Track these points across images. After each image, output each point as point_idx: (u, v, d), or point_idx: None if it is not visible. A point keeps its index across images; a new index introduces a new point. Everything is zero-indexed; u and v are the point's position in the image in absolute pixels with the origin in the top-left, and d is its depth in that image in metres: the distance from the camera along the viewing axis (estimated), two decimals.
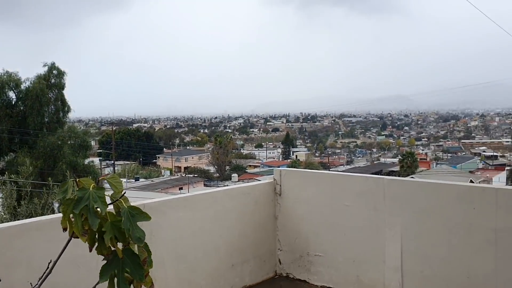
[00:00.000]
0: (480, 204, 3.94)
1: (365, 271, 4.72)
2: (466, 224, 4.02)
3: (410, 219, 4.38)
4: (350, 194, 4.82)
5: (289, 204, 5.33)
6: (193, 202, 4.72)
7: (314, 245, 5.12)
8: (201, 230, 4.65)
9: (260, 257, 5.27)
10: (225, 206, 4.92)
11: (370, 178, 4.83)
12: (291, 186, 5.35)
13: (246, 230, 5.12)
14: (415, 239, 4.35)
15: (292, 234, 5.32)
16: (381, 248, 4.57)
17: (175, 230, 4.40)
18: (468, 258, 4.01)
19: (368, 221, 4.66)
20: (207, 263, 4.67)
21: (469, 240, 4.00)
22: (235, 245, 4.97)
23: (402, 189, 4.50)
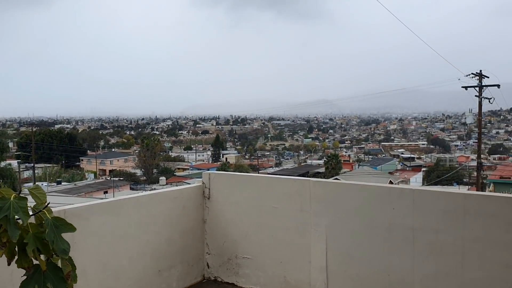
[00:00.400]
0: (399, 204, 4.15)
1: (292, 271, 4.80)
2: (386, 223, 4.22)
3: (334, 219, 4.52)
4: (278, 196, 4.89)
5: (218, 208, 5.30)
6: (117, 207, 4.54)
7: (242, 247, 5.13)
8: (126, 236, 4.48)
9: (187, 261, 5.19)
10: (152, 211, 4.79)
11: (297, 180, 4.93)
12: (220, 189, 5.32)
13: (173, 235, 5.01)
14: (340, 239, 4.50)
15: (220, 237, 5.29)
16: (307, 249, 4.67)
17: (99, 236, 4.20)
18: (388, 257, 4.21)
19: (295, 222, 4.75)
20: (132, 270, 4.51)
21: (389, 239, 4.21)
22: (162, 251, 4.85)
23: (327, 190, 4.64)
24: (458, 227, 3.88)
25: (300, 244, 4.72)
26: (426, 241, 4.02)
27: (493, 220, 3.74)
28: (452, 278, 3.91)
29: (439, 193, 4.08)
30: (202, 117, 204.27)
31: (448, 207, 3.93)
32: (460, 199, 3.93)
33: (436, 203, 4.00)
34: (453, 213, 3.90)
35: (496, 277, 3.73)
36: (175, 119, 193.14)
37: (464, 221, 3.85)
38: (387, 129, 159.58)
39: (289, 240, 4.80)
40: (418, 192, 4.16)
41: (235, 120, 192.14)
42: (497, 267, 3.72)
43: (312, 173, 55.40)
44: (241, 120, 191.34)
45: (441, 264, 3.96)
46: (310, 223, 4.64)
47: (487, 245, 3.76)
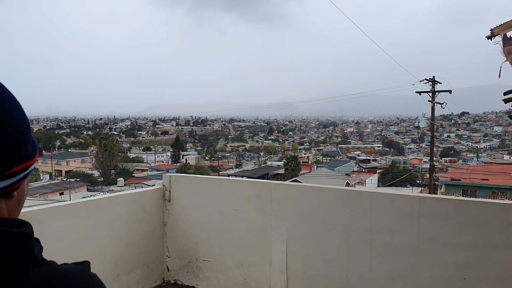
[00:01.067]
0: (357, 206, 4.27)
1: (252, 274, 4.83)
2: (345, 225, 4.33)
3: (295, 221, 4.59)
4: (240, 199, 4.91)
5: (179, 210, 5.26)
6: (75, 210, 4.43)
7: (203, 250, 5.12)
8: (84, 240, 4.38)
9: (147, 265, 5.13)
10: (111, 214, 4.70)
11: (259, 183, 4.97)
12: (181, 191, 5.29)
13: (133, 238, 4.94)
14: (299, 241, 4.57)
15: (181, 240, 5.26)
16: (267, 251, 4.72)
17: (55, 241, 4.08)
18: (347, 258, 4.32)
19: (256, 225, 4.79)
20: None
21: (347, 241, 4.31)
22: (121, 254, 4.77)
23: (288, 193, 4.70)
24: (413, 228, 4.03)
25: (260, 247, 4.76)
26: (382, 242, 4.15)
27: (446, 221, 3.91)
28: (407, 278, 4.06)
29: (396, 196, 4.23)
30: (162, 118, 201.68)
31: (404, 209, 4.08)
32: (415, 202, 4.08)
33: (392, 206, 4.14)
34: (409, 215, 4.05)
35: (449, 277, 3.90)
36: (134, 120, 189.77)
37: (419, 222, 4.01)
38: (344, 131, 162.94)
39: (250, 242, 4.83)
40: (376, 194, 4.29)
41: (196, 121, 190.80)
42: (450, 267, 3.89)
43: (272, 174, 55.79)
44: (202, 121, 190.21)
45: (397, 265, 4.10)
46: (271, 225, 4.69)
47: (440, 246, 3.93)
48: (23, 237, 0.73)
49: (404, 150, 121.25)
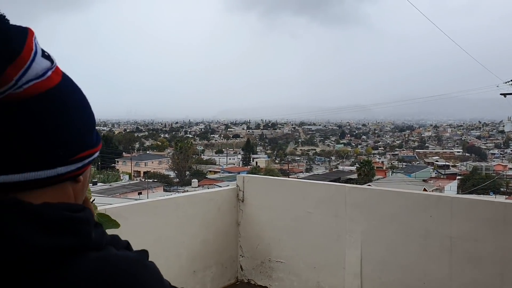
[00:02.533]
0: (436, 212, 4.09)
1: (326, 277, 4.79)
2: (423, 231, 4.16)
3: (369, 226, 4.49)
4: (312, 201, 4.89)
5: (252, 211, 5.35)
6: (155, 207, 4.66)
7: (276, 251, 5.16)
8: (163, 237, 4.58)
9: (222, 263, 5.26)
10: (188, 212, 4.88)
11: (332, 186, 4.92)
12: (254, 192, 5.37)
13: (208, 236, 5.09)
14: (374, 245, 4.46)
15: (254, 240, 5.34)
16: (341, 255, 4.66)
17: (137, 236, 4.31)
18: (425, 264, 4.16)
19: (329, 228, 4.75)
20: (168, 270, 4.60)
21: (425, 247, 4.15)
22: (197, 252, 4.93)
23: (362, 196, 4.61)
24: (498, 237, 3.79)
25: (334, 250, 4.71)
26: (464, 249, 3.94)
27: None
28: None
29: (478, 202, 4.01)
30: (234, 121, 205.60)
31: (488, 216, 3.85)
32: (500, 208, 3.84)
33: (475, 212, 3.92)
34: (493, 222, 3.81)
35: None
36: (208, 123, 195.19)
37: (505, 230, 3.76)
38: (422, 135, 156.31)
39: (323, 245, 4.79)
40: (457, 200, 4.09)
41: (266, 124, 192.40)
42: None
43: (344, 179, 54.81)
44: (272, 124, 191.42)
45: (480, 274, 3.87)
46: (345, 229, 4.63)
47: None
48: (81, 221, 0.75)
49: (487, 155, 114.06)
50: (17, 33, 0.69)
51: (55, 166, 0.75)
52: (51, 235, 0.70)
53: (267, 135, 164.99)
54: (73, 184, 0.81)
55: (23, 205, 0.70)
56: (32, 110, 0.71)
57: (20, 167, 0.71)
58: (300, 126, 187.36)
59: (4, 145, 0.70)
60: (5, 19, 0.68)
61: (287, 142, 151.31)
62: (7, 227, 0.67)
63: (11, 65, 0.67)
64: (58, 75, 0.76)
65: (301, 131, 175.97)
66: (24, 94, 0.70)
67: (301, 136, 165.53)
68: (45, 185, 0.75)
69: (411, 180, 50.58)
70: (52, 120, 0.73)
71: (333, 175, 64.97)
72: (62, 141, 0.75)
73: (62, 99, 0.75)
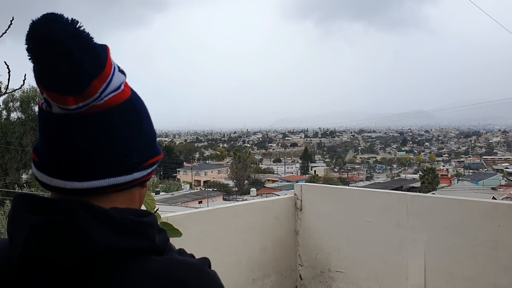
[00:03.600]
0: (506, 221, 3.88)
1: (387, 287, 4.66)
2: (491, 241, 3.95)
3: (433, 235, 4.33)
4: (372, 210, 4.79)
5: (310, 219, 5.32)
6: (215, 215, 4.75)
7: (335, 261, 5.09)
8: (223, 244, 4.66)
9: (281, 272, 5.26)
10: (247, 220, 4.94)
11: (393, 194, 4.79)
12: (312, 201, 5.34)
13: (267, 244, 5.12)
14: (439, 256, 4.29)
15: (313, 249, 5.30)
16: (403, 265, 4.52)
17: (198, 244, 4.42)
18: (494, 277, 3.94)
19: (391, 237, 4.62)
20: (228, 278, 4.68)
21: (494, 258, 3.93)
22: (256, 260, 4.97)
23: (425, 205, 4.46)
24: None
25: (396, 260, 4.57)
26: None
27: None
28: None
29: None
30: (291, 130, 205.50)
31: None
32: None
33: None
34: None
35: None
36: (265, 132, 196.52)
37: None
38: (489, 141, 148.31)
39: (384, 255, 4.67)
40: None
41: (324, 132, 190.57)
42: None
43: (406, 188, 53.02)
44: (330, 132, 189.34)
45: None
46: (407, 239, 4.49)
47: None
48: (146, 225, 0.80)
49: None
50: (102, 49, 0.76)
51: (132, 172, 0.82)
52: (120, 236, 0.76)
53: (325, 143, 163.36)
54: (140, 189, 0.88)
55: (94, 207, 0.76)
56: (112, 120, 0.78)
57: (102, 174, 0.78)
58: (360, 133, 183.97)
59: (88, 153, 0.77)
60: (91, 37, 0.75)
61: (346, 150, 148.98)
62: (80, 227, 0.73)
63: (97, 79, 0.74)
64: (128, 88, 0.83)
65: (361, 138, 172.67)
66: (104, 106, 0.77)
67: (361, 144, 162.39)
68: (121, 189, 0.82)
69: (479, 188, 48.04)
70: (128, 129, 0.81)
71: (395, 183, 63.10)
72: (137, 148, 0.82)
73: (135, 110, 0.83)
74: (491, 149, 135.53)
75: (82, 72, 0.72)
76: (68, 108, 0.74)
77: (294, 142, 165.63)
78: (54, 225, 0.73)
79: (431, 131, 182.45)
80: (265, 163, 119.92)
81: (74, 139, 0.76)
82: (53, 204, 0.75)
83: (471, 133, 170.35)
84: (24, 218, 0.75)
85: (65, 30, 0.71)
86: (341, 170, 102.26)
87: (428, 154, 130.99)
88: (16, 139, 25.73)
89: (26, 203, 0.77)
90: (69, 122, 0.76)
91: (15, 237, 0.75)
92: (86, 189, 0.77)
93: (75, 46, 0.71)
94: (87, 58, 0.72)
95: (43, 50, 0.70)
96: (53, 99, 0.74)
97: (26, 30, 0.70)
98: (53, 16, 0.72)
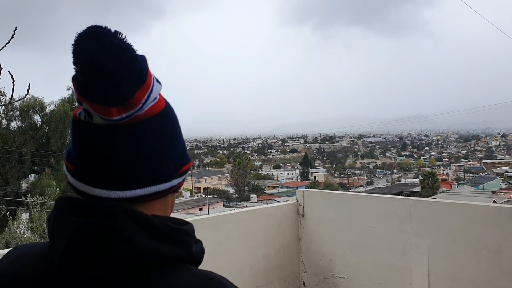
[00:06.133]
0: (509, 225, 3.88)
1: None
2: (495, 245, 3.95)
3: (437, 240, 4.33)
4: (375, 215, 4.79)
5: (313, 226, 5.31)
6: (217, 223, 4.75)
7: (338, 267, 5.08)
8: (226, 251, 4.66)
9: (284, 278, 5.25)
10: (249, 227, 4.93)
11: (396, 199, 4.79)
12: (314, 207, 5.34)
13: (270, 251, 5.11)
14: (443, 261, 4.29)
15: (316, 255, 5.29)
16: (407, 270, 4.51)
17: None
18: (498, 281, 3.93)
19: (394, 243, 4.62)
20: None
21: (498, 262, 3.93)
22: (259, 267, 4.96)
23: (428, 210, 4.46)
24: None
25: (400, 266, 4.57)
26: None
27: None
28: None
29: None
30: (291, 136, 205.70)
31: None
32: None
33: None
34: None
35: None
36: (265, 138, 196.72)
37: None
38: (489, 145, 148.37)
39: (388, 261, 4.67)
40: None
41: (323, 138, 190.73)
42: None
43: (407, 193, 53.00)
44: (330, 138, 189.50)
45: None
46: (411, 244, 4.48)
47: None
48: (184, 233, 0.82)
49: None
50: (143, 60, 0.77)
51: (170, 179, 0.83)
52: (160, 242, 0.76)
53: (325, 149, 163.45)
54: (172, 195, 0.89)
55: (136, 213, 0.76)
56: (152, 129, 0.79)
57: (144, 182, 0.79)
58: (359, 138, 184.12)
59: (130, 162, 0.78)
60: (134, 49, 0.76)
61: (346, 156, 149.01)
62: (122, 231, 0.74)
63: (140, 90, 0.75)
64: (162, 97, 0.85)
65: (360, 143, 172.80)
66: (144, 115, 0.78)
67: (361, 149, 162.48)
68: (160, 196, 0.83)
69: (479, 192, 48.00)
70: (166, 137, 0.82)
71: (395, 188, 63.08)
72: (174, 156, 0.84)
73: (171, 118, 0.85)
74: (490, 152, 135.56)
75: (127, 84, 0.73)
76: (111, 119, 0.75)
77: (293, 148, 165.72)
78: (97, 228, 0.73)
79: (430, 135, 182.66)
80: (265, 169, 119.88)
81: (116, 149, 0.77)
82: (96, 208, 0.75)
83: (470, 137, 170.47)
84: (67, 220, 0.75)
85: (112, 43, 0.71)
86: (341, 175, 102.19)
87: (428, 158, 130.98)
88: (16, 148, 25.73)
89: (69, 205, 0.78)
90: (111, 132, 0.77)
91: (57, 239, 0.76)
92: (129, 198, 0.78)
93: (122, 59, 0.72)
94: (132, 70, 0.73)
95: (91, 64, 0.71)
96: (96, 110, 0.74)
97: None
98: (100, 29, 0.72)
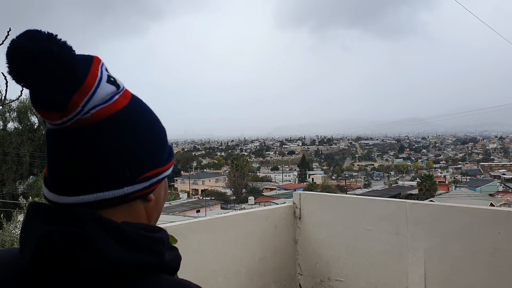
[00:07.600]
0: (506, 228, 3.87)
1: None
2: (491, 248, 3.95)
3: (433, 243, 4.32)
4: (372, 218, 4.78)
5: (309, 228, 5.30)
6: (214, 225, 4.73)
7: (335, 269, 5.07)
8: (222, 254, 4.64)
9: (280, 281, 5.23)
10: (246, 229, 4.91)
11: (392, 202, 4.79)
12: (311, 209, 5.33)
13: (266, 254, 5.09)
14: (439, 264, 4.28)
15: (312, 258, 5.28)
16: (404, 273, 4.50)
17: (197, 254, 4.40)
18: (494, 284, 3.93)
19: (391, 246, 4.61)
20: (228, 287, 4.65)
21: (495, 266, 3.92)
22: (255, 269, 4.94)
23: (425, 213, 4.45)
24: None
25: (396, 269, 4.56)
26: None
27: None
28: None
29: None
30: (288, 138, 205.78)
31: None
32: None
33: None
34: None
35: None
36: (263, 140, 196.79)
37: None
38: (486, 148, 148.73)
39: (384, 264, 4.66)
40: None
41: (321, 140, 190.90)
42: None
43: (404, 195, 53.02)
44: (327, 140, 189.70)
45: None
46: (407, 246, 4.47)
47: None
48: (156, 241, 0.79)
49: None
50: (82, 62, 0.74)
51: (122, 186, 0.78)
52: (130, 250, 0.74)
53: (322, 151, 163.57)
54: (144, 202, 0.84)
55: (105, 220, 0.74)
56: (100, 133, 0.76)
57: (91, 188, 0.76)
58: (357, 141, 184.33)
59: (76, 168, 0.75)
60: (72, 50, 0.73)
61: (344, 158, 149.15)
62: (89, 239, 0.72)
63: (77, 93, 0.72)
64: (126, 98, 0.81)
65: (358, 146, 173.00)
66: (91, 119, 0.75)
67: (358, 151, 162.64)
68: (115, 204, 0.78)
69: (476, 195, 48.06)
70: (119, 142, 0.77)
71: (392, 190, 63.06)
72: (129, 162, 0.78)
73: (130, 121, 0.79)
74: (488, 155, 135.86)
75: (59, 88, 0.71)
76: (55, 123, 0.74)
77: (291, 150, 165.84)
78: (63, 236, 0.71)
79: (428, 138, 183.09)
80: (263, 171, 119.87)
81: (63, 154, 0.76)
82: (65, 215, 0.74)
83: (468, 140, 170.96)
84: (35, 227, 0.74)
85: (36, 47, 0.68)
86: (338, 177, 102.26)
87: (426, 161, 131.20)
88: (13, 150, 25.66)
89: (38, 212, 0.76)
90: (59, 137, 0.75)
91: (25, 246, 0.74)
92: (79, 204, 0.76)
93: (46, 63, 0.69)
94: (62, 74, 0.70)
95: (19, 70, 0.69)
96: (42, 116, 0.74)
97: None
98: (26, 34, 0.69)
